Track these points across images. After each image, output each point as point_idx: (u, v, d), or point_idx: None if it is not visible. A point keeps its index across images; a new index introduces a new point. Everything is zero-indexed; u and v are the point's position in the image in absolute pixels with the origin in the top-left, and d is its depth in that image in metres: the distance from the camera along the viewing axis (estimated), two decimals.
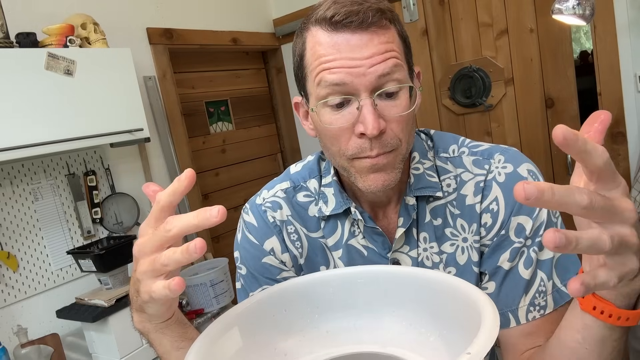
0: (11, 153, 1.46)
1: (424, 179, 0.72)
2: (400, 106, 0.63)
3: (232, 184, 2.68)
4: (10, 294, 1.66)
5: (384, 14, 0.61)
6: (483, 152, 0.72)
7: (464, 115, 2.42)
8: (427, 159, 0.74)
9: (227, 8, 2.60)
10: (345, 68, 0.61)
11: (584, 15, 1.59)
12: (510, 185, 0.68)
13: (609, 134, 2.00)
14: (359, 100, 0.62)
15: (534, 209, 0.67)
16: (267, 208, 0.79)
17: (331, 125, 0.64)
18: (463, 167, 0.72)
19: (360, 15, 0.60)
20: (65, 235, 1.82)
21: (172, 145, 2.24)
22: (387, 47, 0.61)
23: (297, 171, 0.82)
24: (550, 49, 2.14)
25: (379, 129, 0.61)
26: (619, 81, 1.94)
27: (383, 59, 0.61)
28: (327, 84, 0.62)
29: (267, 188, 0.82)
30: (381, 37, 0.61)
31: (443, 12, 2.37)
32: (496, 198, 0.69)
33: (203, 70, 2.60)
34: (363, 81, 0.61)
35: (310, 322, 0.62)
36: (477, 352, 0.39)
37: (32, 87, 1.51)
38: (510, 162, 0.70)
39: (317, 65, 0.63)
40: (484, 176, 0.70)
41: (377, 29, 0.61)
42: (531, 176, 0.69)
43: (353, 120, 0.63)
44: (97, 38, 1.76)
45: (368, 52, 0.60)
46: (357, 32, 0.60)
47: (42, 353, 1.55)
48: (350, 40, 0.61)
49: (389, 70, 0.61)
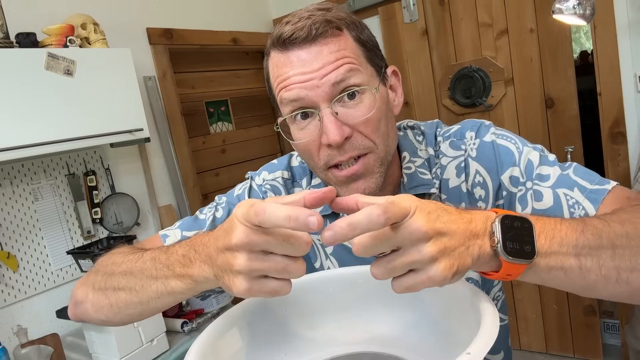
0: (11, 153, 1.45)
1: (417, 177, 0.74)
2: (364, 108, 0.64)
3: (232, 184, 2.66)
4: (10, 294, 1.66)
5: (330, 23, 0.63)
6: (455, 134, 0.75)
7: (464, 115, 2.42)
8: (418, 156, 0.75)
9: (227, 8, 2.60)
10: (298, 83, 0.63)
11: (584, 15, 1.60)
12: (483, 155, 0.71)
13: (609, 134, 2.00)
14: (319, 111, 0.63)
15: (514, 157, 0.69)
16: (268, 190, 0.82)
17: (300, 141, 0.66)
18: (442, 154, 0.75)
19: (304, 30, 0.62)
20: (65, 235, 1.82)
21: (172, 145, 2.24)
22: (337, 55, 0.63)
23: (296, 166, 0.84)
24: (550, 49, 2.14)
25: (342, 136, 0.62)
26: (619, 81, 1.94)
27: (334, 67, 0.62)
28: (287, 102, 0.64)
29: (267, 170, 0.85)
30: (330, 46, 0.63)
31: (443, 12, 2.37)
32: (477, 171, 0.72)
33: (203, 70, 2.60)
34: (318, 92, 0.62)
35: (310, 322, 0.62)
36: (477, 352, 0.39)
37: (32, 87, 1.51)
38: (479, 136, 0.72)
39: (277, 86, 0.66)
40: (462, 156, 0.73)
41: (325, 39, 0.63)
42: (499, 135, 0.71)
43: (318, 132, 0.64)
44: (97, 38, 1.76)
45: (318, 63, 0.62)
46: (304, 47, 0.63)
47: (42, 353, 1.55)
48: (299, 56, 0.63)
49: (342, 77, 0.62)
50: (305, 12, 0.65)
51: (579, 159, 2.19)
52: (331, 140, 0.62)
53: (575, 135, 2.17)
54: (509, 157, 0.69)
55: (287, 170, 0.83)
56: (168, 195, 2.23)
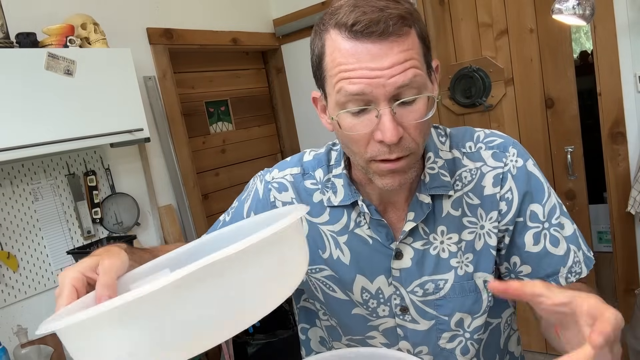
0: (11, 153, 1.46)
1: (439, 179, 0.76)
2: (418, 112, 0.64)
3: (232, 184, 2.68)
4: (10, 294, 1.67)
5: (404, 20, 0.61)
6: (499, 146, 0.78)
7: (464, 116, 2.42)
8: (440, 157, 0.78)
9: (227, 8, 2.60)
10: (365, 79, 0.61)
11: (584, 15, 1.60)
12: (521, 177, 0.76)
13: (609, 134, 2.00)
14: (378, 109, 0.63)
15: (543, 196, 0.76)
16: (273, 187, 0.85)
17: (351, 132, 0.66)
18: (482, 161, 0.78)
19: (380, 25, 0.59)
20: (65, 235, 1.82)
21: (172, 145, 2.24)
22: (406, 55, 0.61)
23: (308, 160, 0.86)
24: (550, 49, 2.14)
25: (397, 137, 0.63)
26: (619, 81, 1.94)
27: (402, 69, 0.61)
28: (347, 94, 0.63)
29: (279, 168, 0.87)
30: (401, 45, 0.61)
31: (443, 12, 2.37)
32: (510, 188, 0.76)
33: (203, 70, 2.60)
34: (382, 91, 0.61)
35: None
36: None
37: (32, 87, 1.51)
38: (520, 156, 0.77)
39: (337, 73, 0.63)
40: (502, 169, 0.77)
41: (397, 37, 0.61)
42: (537, 168, 0.78)
43: (372, 127, 0.64)
44: (97, 38, 1.76)
45: (388, 62, 0.60)
46: (377, 42, 0.60)
47: (42, 353, 1.55)
48: (370, 50, 0.61)
49: (409, 82, 0.62)
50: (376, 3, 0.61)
51: (579, 159, 2.19)
52: (388, 139, 0.63)
53: (575, 135, 2.17)
54: (539, 193, 0.76)
55: (297, 167, 0.85)
56: (168, 195, 2.23)
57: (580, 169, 2.20)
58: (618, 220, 2.04)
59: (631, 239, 2.03)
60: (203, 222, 2.35)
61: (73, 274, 0.55)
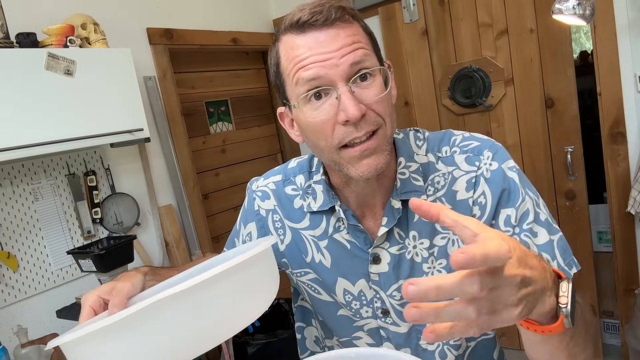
0: (11, 153, 1.46)
1: (410, 183, 0.76)
2: (376, 89, 0.68)
3: (232, 184, 2.68)
4: (10, 294, 1.66)
5: (345, 10, 0.67)
6: (473, 149, 0.77)
7: (463, 116, 2.42)
8: (414, 161, 0.78)
9: (227, 8, 2.59)
10: (318, 62, 0.65)
11: (584, 15, 1.60)
12: (495, 181, 0.74)
13: (609, 134, 2.00)
14: (337, 89, 0.66)
15: (517, 200, 0.73)
16: (257, 196, 0.88)
17: (315, 120, 0.68)
18: (455, 165, 0.77)
19: (324, 14, 0.65)
20: (65, 235, 1.82)
21: (172, 145, 2.24)
22: (353, 39, 0.66)
23: (292, 167, 0.88)
24: (550, 49, 2.14)
25: (360, 112, 0.65)
26: (619, 81, 1.94)
27: (352, 49, 0.66)
28: (304, 81, 0.66)
29: (265, 177, 0.90)
30: (347, 30, 0.66)
31: (443, 12, 2.37)
32: (484, 192, 0.75)
33: (203, 70, 2.60)
34: (337, 71, 0.65)
35: None
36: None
37: (32, 87, 1.51)
38: (497, 160, 0.75)
39: (292, 67, 0.68)
40: (475, 172, 0.75)
41: (342, 23, 0.66)
42: (514, 172, 0.75)
43: (334, 110, 0.67)
44: (97, 38, 1.76)
45: (337, 44, 0.65)
46: (323, 29, 0.66)
47: (42, 353, 1.55)
48: (318, 38, 0.66)
49: (360, 59, 0.66)
50: (317, 1, 0.68)
51: (579, 159, 2.19)
52: (350, 115, 0.64)
53: (575, 135, 2.17)
54: (513, 197, 0.73)
55: (280, 174, 0.88)
56: (168, 195, 2.23)
57: (580, 169, 2.20)
58: (618, 220, 2.04)
59: (631, 239, 2.03)
60: (203, 222, 2.35)
61: (91, 297, 0.64)
